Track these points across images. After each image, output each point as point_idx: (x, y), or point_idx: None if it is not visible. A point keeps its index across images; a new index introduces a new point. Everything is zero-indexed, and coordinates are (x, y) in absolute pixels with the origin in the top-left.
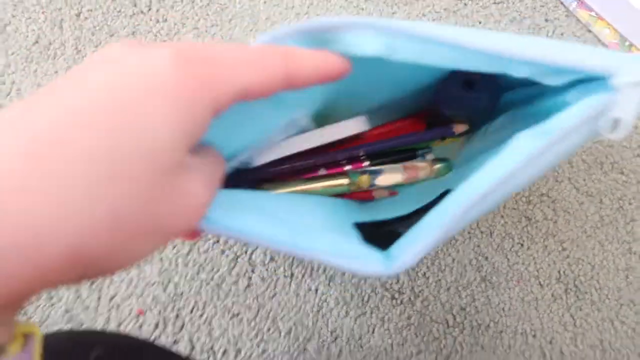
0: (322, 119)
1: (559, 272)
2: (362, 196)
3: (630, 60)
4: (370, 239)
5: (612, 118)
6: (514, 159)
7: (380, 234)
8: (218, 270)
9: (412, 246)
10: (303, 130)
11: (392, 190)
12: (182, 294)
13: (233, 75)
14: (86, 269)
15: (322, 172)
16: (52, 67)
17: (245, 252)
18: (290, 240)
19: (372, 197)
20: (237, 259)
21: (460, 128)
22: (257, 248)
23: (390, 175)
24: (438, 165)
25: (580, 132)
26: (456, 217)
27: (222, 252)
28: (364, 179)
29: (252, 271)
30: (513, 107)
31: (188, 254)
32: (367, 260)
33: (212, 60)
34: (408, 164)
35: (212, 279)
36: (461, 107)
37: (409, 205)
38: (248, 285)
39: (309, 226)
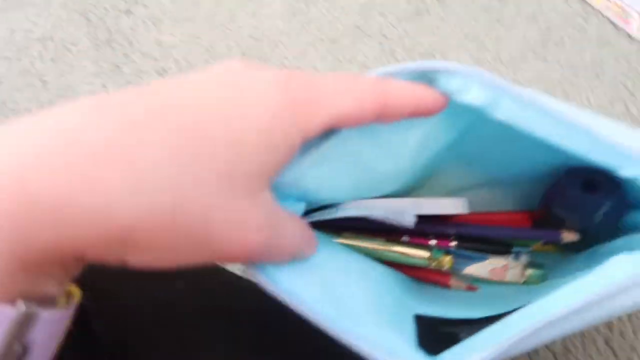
0: (418, 184)
1: None
2: (437, 279)
3: None
4: (424, 336)
5: None
6: (601, 284)
7: (438, 334)
8: None
9: None
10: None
11: (472, 284)
12: None
13: (327, 102)
14: (127, 253)
15: (405, 238)
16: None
17: None
18: (335, 319)
19: (448, 284)
20: None
21: (568, 236)
22: None
23: (475, 266)
24: (530, 272)
25: None
26: (516, 340)
27: None
28: (447, 260)
29: None
30: (635, 230)
31: None
32: None
33: (309, 87)
34: (499, 260)
35: None
36: (575, 209)
37: (482, 309)
38: None
39: (362, 307)
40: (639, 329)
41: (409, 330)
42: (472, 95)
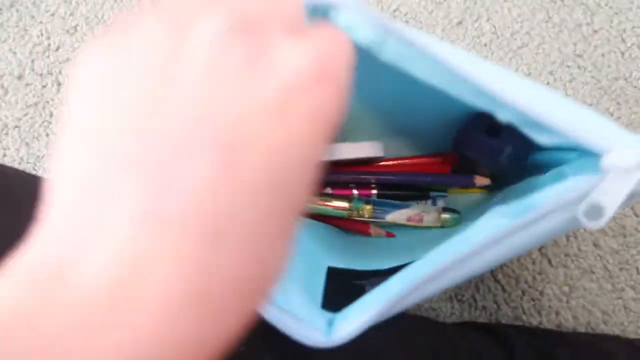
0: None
1: None
2: (358, 228)
3: (627, 140)
4: (334, 290)
5: (592, 203)
6: (477, 238)
7: (349, 286)
8: None
9: (352, 321)
10: None
11: (390, 232)
12: None
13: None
14: None
15: (328, 190)
16: None
17: None
18: None
19: (369, 233)
20: None
21: (481, 180)
22: None
23: (395, 213)
24: (446, 216)
25: (558, 217)
26: (403, 293)
27: None
28: (368, 209)
29: None
30: (536, 173)
31: None
32: (310, 326)
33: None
34: (417, 207)
35: None
36: (480, 153)
37: (401, 255)
38: None
39: None
40: (572, 234)
41: (319, 287)
42: (360, 33)
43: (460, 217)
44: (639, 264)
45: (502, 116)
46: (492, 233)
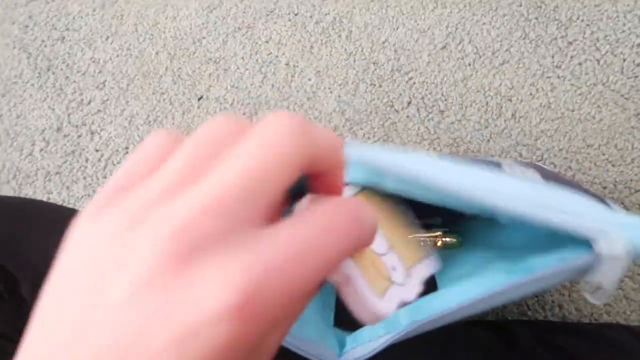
0: None
1: (409, 97)
2: None
3: (616, 229)
4: (343, 310)
5: (594, 284)
6: (477, 290)
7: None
8: None
9: (364, 346)
10: None
11: None
12: None
13: None
14: None
15: None
16: None
17: None
18: None
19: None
20: None
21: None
22: None
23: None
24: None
25: (553, 280)
26: (410, 330)
27: None
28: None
29: None
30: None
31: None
32: (322, 346)
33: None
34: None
35: None
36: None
37: None
38: None
39: None
40: None
41: (331, 304)
42: (359, 177)
43: (462, 240)
44: None
45: (503, 220)
46: (491, 288)
